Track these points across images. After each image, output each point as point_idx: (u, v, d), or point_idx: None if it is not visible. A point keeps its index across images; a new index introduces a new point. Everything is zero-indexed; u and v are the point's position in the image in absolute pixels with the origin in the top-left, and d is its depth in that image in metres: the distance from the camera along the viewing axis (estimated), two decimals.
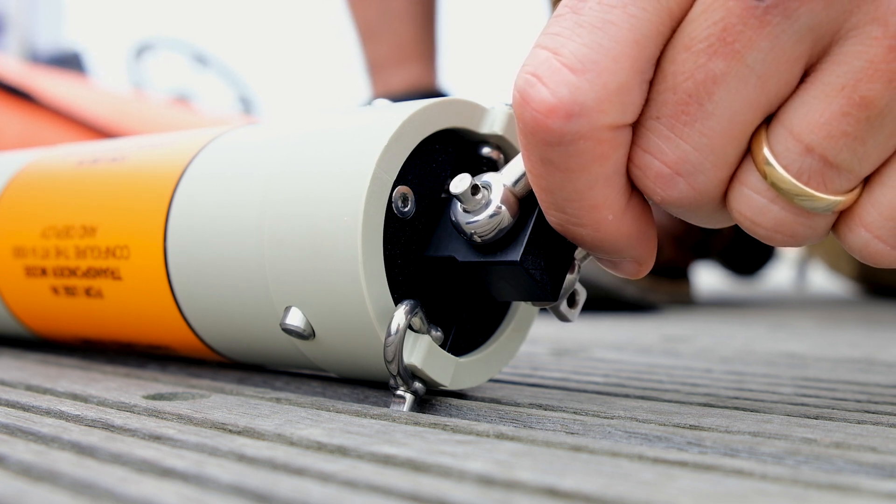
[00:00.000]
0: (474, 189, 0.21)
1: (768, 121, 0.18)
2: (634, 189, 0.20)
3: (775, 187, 0.18)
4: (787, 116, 0.18)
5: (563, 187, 0.19)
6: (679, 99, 0.18)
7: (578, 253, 0.23)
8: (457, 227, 0.22)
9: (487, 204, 0.21)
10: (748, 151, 0.19)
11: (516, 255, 0.21)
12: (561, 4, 0.19)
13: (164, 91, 1.81)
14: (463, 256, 0.22)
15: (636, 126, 0.19)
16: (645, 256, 0.21)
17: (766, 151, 0.18)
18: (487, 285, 0.23)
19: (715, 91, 0.18)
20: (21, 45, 2.11)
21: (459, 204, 0.22)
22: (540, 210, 0.21)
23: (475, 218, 0.21)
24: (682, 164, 0.18)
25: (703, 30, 0.18)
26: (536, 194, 0.20)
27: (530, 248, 0.21)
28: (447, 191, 0.23)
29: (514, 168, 0.22)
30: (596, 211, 0.19)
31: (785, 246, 0.19)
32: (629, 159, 0.19)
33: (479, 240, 0.22)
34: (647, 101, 0.18)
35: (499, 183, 0.22)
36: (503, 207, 0.21)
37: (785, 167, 0.18)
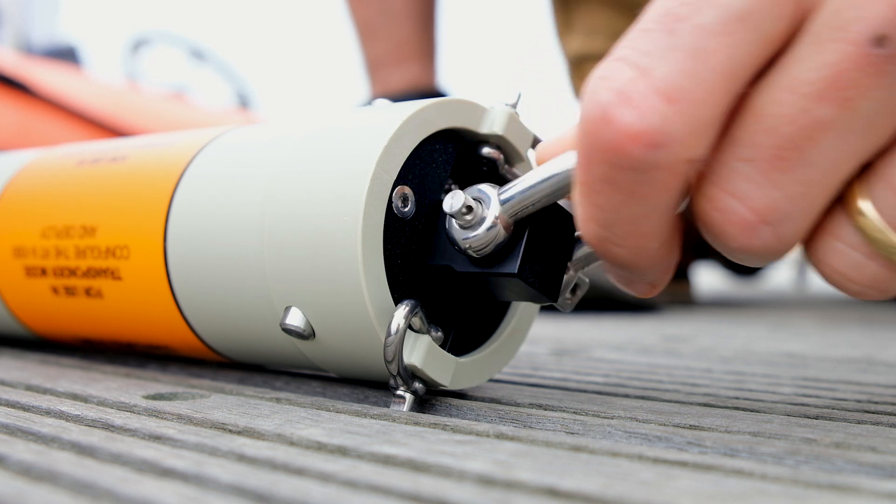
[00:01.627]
0: (468, 206, 0.21)
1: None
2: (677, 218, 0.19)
3: (873, 242, 0.17)
4: (889, 169, 0.17)
5: (619, 209, 0.18)
6: (777, 143, 0.17)
7: (580, 258, 0.23)
8: (452, 242, 0.22)
9: (482, 220, 0.21)
10: (838, 199, 0.18)
11: (514, 266, 0.21)
12: (648, 19, 0.17)
13: (160, 86, 1.81)
14: (461, 267, 0.22)
15: (715, 163, 0.17)
16: (663, 280, 0.20)
17: (863, 203, 0.17)
18: (487, 289, 0.23)
19: (818, 139, 0.16)
20: (16, 39, 2.11)
21: (455, 220, 0.22)
22: (536, 220, 0.22)
23: (471, 234, 0.21)
24: (770, 212, 0.17)
25: (812, 72, 0.16)
26: (581, 205, 0.18)
27: (527, 257, 0.21)
28: (447, 191, 0.23)
29: (515, 188, 0.21)
30: (643, 238, 0.18)
31: (871, 299, 0.18)
32: (706, 199, 0.18)
33: (474, 254, 0.22)
34: (730, 138, 0.17)
35: (494, 197, 0.22)
36: (498, 222, 0.21)
37: (889, 222, 0.17)
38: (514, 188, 0.21)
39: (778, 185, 0.17)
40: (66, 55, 1.86)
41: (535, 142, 0.25)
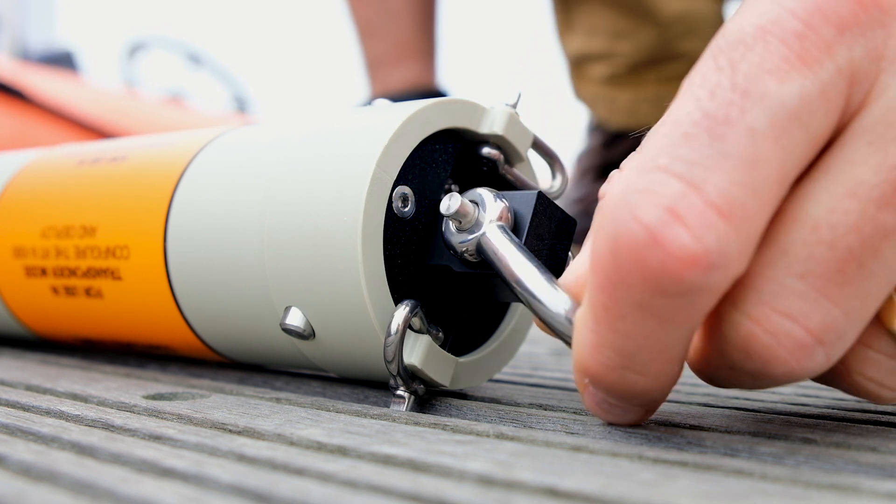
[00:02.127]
0: (465, 209, 0.21)
1: None
2: None
3: None
4: None
5: (650, 337, 0.16)
6: (837, 256, 0.15)
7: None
8: (449, 247, 0.22)
9: (479, 224, 0.21)
10: None
11: None
12: (685, 122, 0.15)
13: (157, 90, 1.81)
14: (459, 267, 0.22)
15: (759, 279, 0.16)
16: (660, 403, 0.19)
17: None
18: (487, 289, 0.23)
19: (881, 248, 0.15)
20: (13, 45, 2.11)
21: (452, 223, 0.22)
22: (532, 221, 0.22)
23: (467, 237, 0.21)
24: (827, 331, 0.15)
25: (874, 175, 0.15)
26: (594, 332, 0.16)
27: None
28: (447, 191, 0.23)
29: (497, 247, 0.21)
30: (670, 364, 0.16)
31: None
32: (752, 321, 0.16)
33: (470, 258, 0.22)
34: (778, 250, 0.16)
35: (491, 200, 0.22)
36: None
37: None
38: (497, 247, 0.21)
39: (836, 302, 0.15)
40: (62, 60, 1.86)
41: (535, 142, 0.25)
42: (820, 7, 0.16)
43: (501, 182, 0.24)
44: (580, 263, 0.19)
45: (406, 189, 0.22)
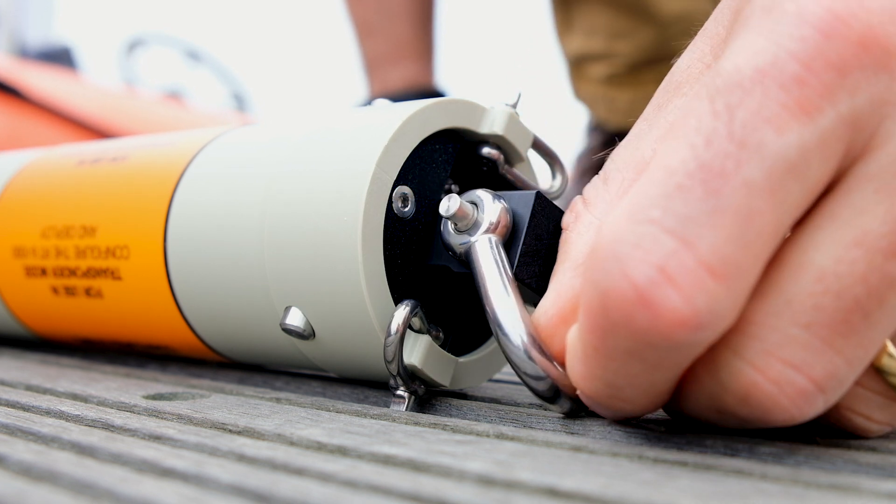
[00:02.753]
0: (463, 211, 0.21)
1: None
2: None
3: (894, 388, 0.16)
4: None
5: (638, 377, 0.16)
6: (843, 306, 0.15)
7: None
8: (448, 247, 0.22)
9: (477, 225, 0.21)
10: None
11: (510, 268, 0.21)
12: (679, 171, 0.15)
13: (156, 87, 1.81)
14: (458, 268, 0.22)
15: (762, 328, 0.15)
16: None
17: (892, 348, 0.16)
18: None
19: (887, 298, 0.15)
20: (11, 40, 2.11)
21: (450, 224, 0.22)
22: (531, 221, 0.22)
23: (466, 239, 0.21)
24: (830, 379, 0.15)
25: (882, 224, 0.15)
26: (584, 364, 0.17)
27: (524, 259, 0.21)
28: (447, 191, 0.23)
29: (480, 265, 0.21)
30: (657, 396, 0.17)
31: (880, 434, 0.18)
32: (755, 370, 0.15)
33: (468, 259, 0.22)
34: (782, 300, 0.15)
35: (490, 201, 0.22)
36: (492, 228, 0.21)
37: None
38: (480, 263, 0.21)
39: (839, 351, 0.15)
40: (61, 56, 1.86)
41: (535, 142, 0.25)
42: (821, 49, 0.15)
43: (501, 182, 0.24)
44: (553, 301, 0.19)
45: (406, 189, 0.22)
